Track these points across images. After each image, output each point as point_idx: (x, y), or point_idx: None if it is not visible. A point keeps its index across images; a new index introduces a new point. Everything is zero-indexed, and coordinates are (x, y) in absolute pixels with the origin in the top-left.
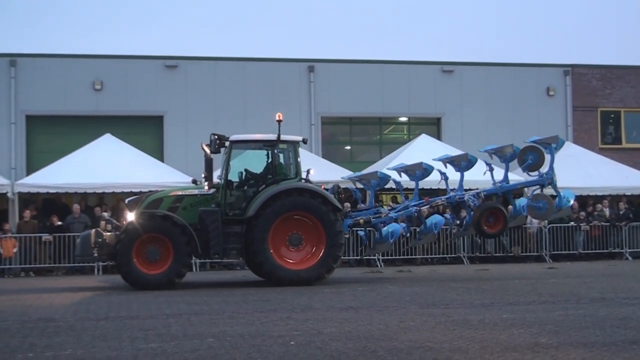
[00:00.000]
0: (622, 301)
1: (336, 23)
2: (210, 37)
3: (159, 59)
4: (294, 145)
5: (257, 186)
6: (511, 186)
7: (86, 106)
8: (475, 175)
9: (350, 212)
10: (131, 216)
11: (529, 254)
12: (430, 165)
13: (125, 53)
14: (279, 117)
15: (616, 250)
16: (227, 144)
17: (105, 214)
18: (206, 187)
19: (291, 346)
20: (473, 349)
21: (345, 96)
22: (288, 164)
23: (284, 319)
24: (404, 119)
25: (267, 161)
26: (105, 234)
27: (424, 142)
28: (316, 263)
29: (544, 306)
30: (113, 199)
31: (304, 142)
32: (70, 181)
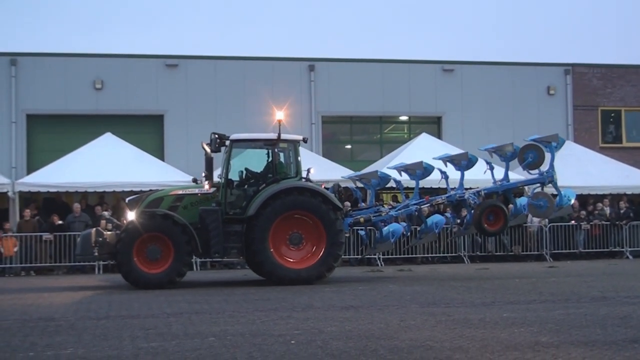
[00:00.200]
0: (622, 300)
1: (336, 22)
2: (211, 36)
3: (159, 58)
4: (294, 144)
5: (257, 185)
6: (512, 184)
7: (87, 105)
8: (475, 174)
9: (351, 211)
10: (132, 215)
11: (529, 252)
12: (430, 164)
13: (126, 52)
14: (279, 116)
15: (617, 249)
16: (227, 143)
17: (105, 213)
18: (206, 186)
19: (292, 345)
20: (474, 347)
21: (346, 95)
22: (288, 163)
23: (285, 318)
24: (404, 118)
25: (268, 160)
26: (106, 233)
27: (424, 141)
28: (317, 262)
29: (544, 305)
30: (113, 198)
31: (304, 141)
32: (71, 180)
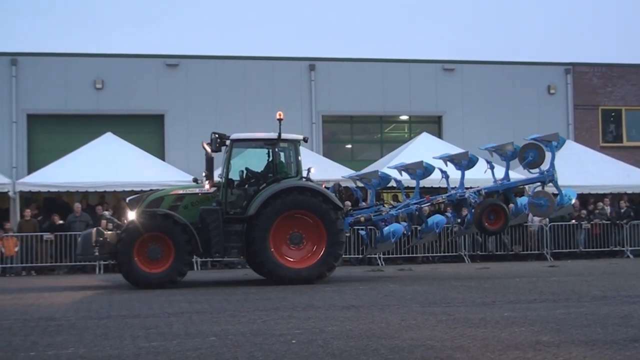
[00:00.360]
0: (623, 299)
1: (337, 21)
2: (211, 35)
3: (159, 58)
4: (294, 144)
5: (257, 185)
6: (512, 184)
7: (87, 105)
8: (476, 173)
9: (351, 211)
10: (132, 215)
11: (530, 252)
12: (431, 164)
13: (126, 52)
14: (279, 115)
15: (617, 249)
16: (227, 142)
17: (106, 212)
18: (207, 186)
19: (293, 345)
20: (474, 347)
21: (346, 94)
22: (289, 162)
23: (286, 318)
24: (404, 117)
25: (268, 160)
26: (107, 232)
27: (424, 140)
28: (317, 262)
29: (545, 304)
30: (114, 197)
31: (304, 141)
32: (72, 180)
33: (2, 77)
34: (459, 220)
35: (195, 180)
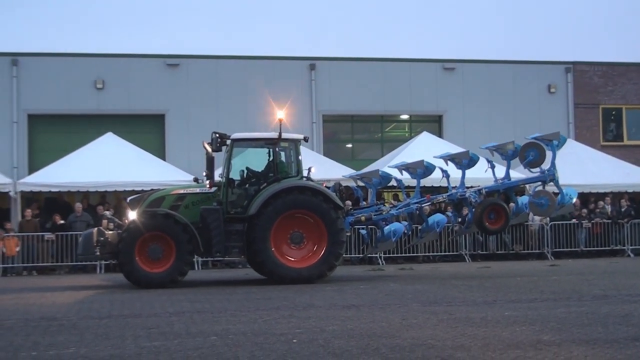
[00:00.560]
0: (624, 298)
1: (337, 21)
2: (212, 35)
3: (160, 58)
4: (295, 144)
5: (258, 184)
6: (513, 183)
7: (88, 105)
8: (476, 172)
9: (352, 210)
10: (133, 215)
11: (530, 251)
12: (431, 163)
13: (127, 52)
14: (280, 115)
15: (618, 248)
16: (228, 142)
17: (107, 212)
18: (208, 186)
19: (294, 344)
20: (475, 346)
21: (347, 94)
22: (289, 162)
23: (287, 317)
24: (405, 116)
25: (269, 159)
26: (108, 232)
27: (425, 139)
28: (318, 261)
29: (546, 303)
30: (115, 197)
31: (305, 140)
32: (73, 180)
33: (3, 77)
34: (459, 220)
35: (196, 180)
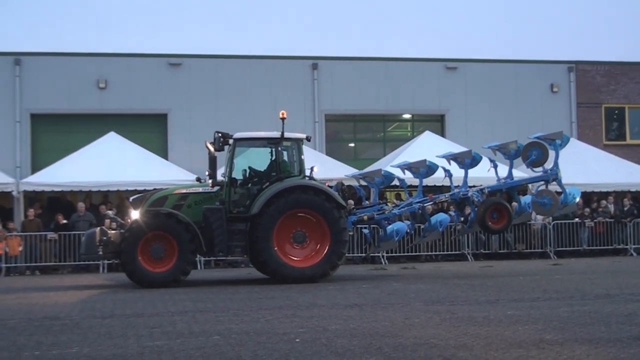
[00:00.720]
0: (627, 297)
1: (339, 20)
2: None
3: (162, 57)
4: (297, 143)
5: (261, 184)
6: (515, 182)
7: (90, 104)
8: (479, 172)
9: (355, 210)
10: (136, 214)
11: (533, 250)
12: (434, 162)
13: (129, 51)
14: (282, 114)
15: (621, 247)
16: (230, 141)
17: (110, 212)
18: (210, 185)
19: (296, 343)
20: (478, 345)
21: (349, 93)
22: (292, 161)
23: (289, 316)
24: (407, 116)
25: (271, 159)
26: (110, 232)
27: (428, 139)
28: (320, 260)
29: (548, 303)
30: (117, 197)
31: (307, 140)
32: (75, 179)
33: (5, 77)
34: (462, 219)
35: (199, 179)
